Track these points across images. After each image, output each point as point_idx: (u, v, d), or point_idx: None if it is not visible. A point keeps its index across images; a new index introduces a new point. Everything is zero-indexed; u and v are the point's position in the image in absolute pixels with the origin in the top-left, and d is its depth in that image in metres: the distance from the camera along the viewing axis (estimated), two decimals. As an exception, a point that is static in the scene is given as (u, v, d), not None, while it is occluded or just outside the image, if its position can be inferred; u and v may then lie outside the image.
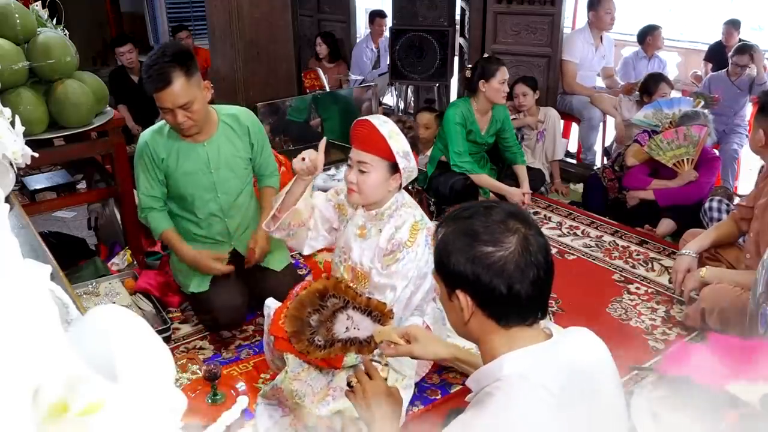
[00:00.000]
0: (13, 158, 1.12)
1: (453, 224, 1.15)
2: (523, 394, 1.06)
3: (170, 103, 2.17)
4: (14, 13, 2.42)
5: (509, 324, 1.12)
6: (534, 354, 1.10)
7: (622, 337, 2.56)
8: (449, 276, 1.13)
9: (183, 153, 2.36)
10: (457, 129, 3.59)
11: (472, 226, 1.11)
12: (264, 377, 2.34)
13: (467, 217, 1.13)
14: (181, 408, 0.57)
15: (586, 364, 1.14)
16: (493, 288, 1.08)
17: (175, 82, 2.13)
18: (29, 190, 2.93)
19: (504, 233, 1.09)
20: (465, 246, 1.10)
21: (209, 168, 2.39)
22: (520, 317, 1.12)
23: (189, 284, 2.49)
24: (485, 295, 1.10)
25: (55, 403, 0.49)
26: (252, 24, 3.77)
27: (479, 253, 1.08)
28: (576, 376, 1.10)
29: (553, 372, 1.08)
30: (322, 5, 6.23)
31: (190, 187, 2.40)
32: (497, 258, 1.08)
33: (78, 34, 3.03)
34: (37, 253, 1.22)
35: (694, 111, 3.80)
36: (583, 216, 3.70)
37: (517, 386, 1.07)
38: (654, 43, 4.88)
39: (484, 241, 1.09)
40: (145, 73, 2.16)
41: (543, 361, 1.09)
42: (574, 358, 1.13)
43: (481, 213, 1.13)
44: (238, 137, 2.43)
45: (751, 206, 2.53)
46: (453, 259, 1.11)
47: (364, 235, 2.03)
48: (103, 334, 0.57)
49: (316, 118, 4.45)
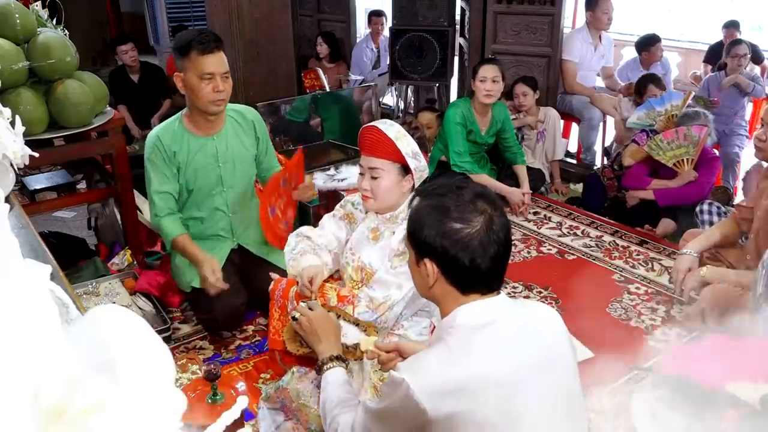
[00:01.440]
0: (13, 158, 1.12)
1: (427, 199, 1.27)
2: (472, 336, 1.20)
3: (216, 67, 2.27)
4: (14, 13, 2.42)
5: (468, 291, 1.25)
6: (486, 305, 1.24)
7: (622, 337, 2.57)
8: (419, 245, 1.26)
9: (193, 146, 2.40)
10: (457, 129, 3.59)
11: (444, 203, 1.24)
12: (264, 377, 2.34)
13: (441, 195, 1.26)
14: (181, 408, 0.57)
15: (540, 323, 1.28)
16: (457, 260, 1.21)
17: (221, 51, 2.30)
18: (29, 190, 2.93)
19: (472, 212, 1.22)
20: (436, 221, 1.22)
21: (218, 162, 2.43)
22: (479, 287, 1.25)
23: (191, 280, 2.49)
24: (450, 266, 1.23)
25: (55, 403, 0.49)
26: (252, 24, 3.77)
27: (449, 228, 1.21)
28: (529, 330, 1.24)
29: (505, 319, 1.23)
30: (322, 5, 6.23)
31: (199, 181, 2.42)
32: (464, 234, 1.20)
33: (78, 34, 3.03)
34: (37, 253, 1.22)
35: (694, 111, 3.80)
36: (583, 216, 3.69)
37: (466, 331, 1.21)
38: (650, 58, 4.81)
39: (454, 218, 1.21)
40: (196, 41, 2.26)
41: (494, 312, 1.23)
42: (528, 316, 1.28)
43: (453, 191, 1.25)
44: (244, 132, 2.49)
45: (751, 206, 2.53)
46: (425, 231, 1.23)
47: (377, 238, 2.03)
48: (103, 334, 0.57)
49: (316, 118, 4.45)
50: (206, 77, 2.26)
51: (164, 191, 2.40)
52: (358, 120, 4.34)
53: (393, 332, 2.01)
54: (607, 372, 2.31)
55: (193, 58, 2.25)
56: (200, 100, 2.30)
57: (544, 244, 3.39)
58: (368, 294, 1.91)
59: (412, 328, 2.01)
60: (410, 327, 2.01)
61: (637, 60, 4.94)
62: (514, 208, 3.69)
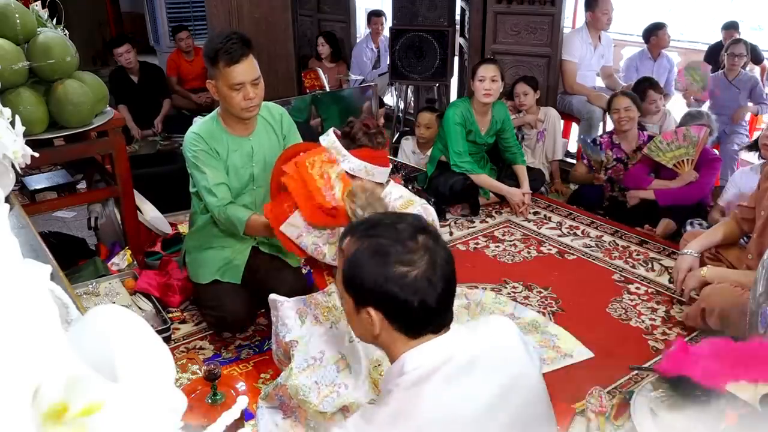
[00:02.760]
0: (14, 158, 1.12)
1: (363, 241, 1.17)
2: (422, 386, 1.10)
3: (244, 76, 2.24)
4: (14, 13, 2.42)
5: (418, 334, 1.16)
6: (438, 345, 1.15)
7: (622, 337, 2.57)
8: (360, 293, 1.16)
9: (232, 146, 2.41)
10: (457, 129, 3.59)
11: (382, 246, 1.14)
12: (264, 377, 2.34)
13: (376, 236, 1.16)
14: (181, 408, 0.57)
15: (496, 343, 1.20)
16: (405, 303, 1.12)
17: (249, 56, 2.27)
18: (29, 190, 2.93)
19: (415, 252, 1.13)
20: (378, 266, 1.13)
21: (252, 161, 2.44)
22: (430, 327, 1.17)
23: (211, 272, 2.50)
24: (397, 312, 1.14)
25: (55, 404, 0.49)
26: (252, 24, 3.78)
27: (394, 273, 1.11)
28: (486, 357, 1.16)
29: (458, 355, 1.13)
30: (322, 5, 6.23)
31: (232, 180, 2.42)
32: (411, 278, 1.11)
33: (78, 34, 3.03)
34: (37, 253, 1.22)
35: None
36: (583, 216, 3.69)
37: (415, 382, 1.11)
38: (659, 43, 4.83)
39: (396, 261, 1.12)
40: (222, 51, 2.22)
41: (447, 350, 1.14)
42: (483, 341, 1.19)
43: (391, 230, 1.16)
44: (273, 130, 2.51)
45: (752, 206, 2.53)
46: (366, 278, 1.14)
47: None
48: (103, 334, 0.57)
49: (317, 118, 4.45)
50: (236, 87, 2.25)
51: (221, 182, 2.36)
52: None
53: None
54: (607, 372, 2.32)
55: (221, 69, 2.24)
56: (233, 108, 2.31)
57: (544, 244, 3.39)
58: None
59: None
60: None
61: (645, 51, 4.94)
62: (515, 208, 3.69)
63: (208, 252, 2.55)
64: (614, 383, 2.27)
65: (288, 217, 2.02)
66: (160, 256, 3.06)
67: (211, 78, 2.31)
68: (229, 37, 2.25)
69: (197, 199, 2.51)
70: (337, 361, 2.05)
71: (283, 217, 2.03)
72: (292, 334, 2.07)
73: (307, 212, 1.98)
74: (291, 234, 2.02)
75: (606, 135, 3.83)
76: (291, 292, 2.26)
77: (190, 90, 5.65)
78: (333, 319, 2.13)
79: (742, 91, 4.46)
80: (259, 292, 2.50)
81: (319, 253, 2.01)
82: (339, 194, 1.96)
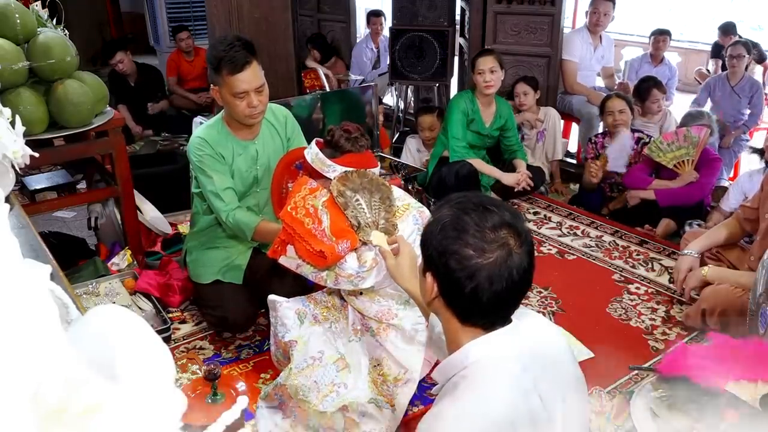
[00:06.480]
0: (14, 158, 1.12)
1: (451, 210, 1.16)
2: (491, 378, 1.11)
3: (248, 84, 2.22)
4: (14, 13, 2.42)
5: (467, 322, 1.16)
6: (496, 339, 1.15)
7: (622, 337, 2.57)
8: (427, 255, 1.18)
9: (237, 149, 2.40)
10: (458, 117, 3.67)
11: (463, 222, 1.12)
12: (264, 377, 2.34)
13: (465, 212, 1.14)
14: (181, 408, 0.57)
15: (545, 345, 1.21)
16: (459, 284, 1.11)
17: (252, 63, 2.24)
18: (29, 190, 2.93)
19: (491, 243, 1.10)
20: (450, 239, 1.12)
21: (256, 164, 2.44)
22: (478, 320, 1.16)
23: (211, 273, 2.50)
24: (449, 288, 1.14)
25: (55, 403, 0.49)
26: (252, 24, 3.77)
27: (460, 252, 1.11)
28: (538, 356, 1.16)
29: (516, 353, 1.13)
30: (322, 5, 6.23)
31: (237, 183, 2.41)
32: (473, 264, 1.10)
33: (78, 34, 3.03)
34: (37, 253, 1.22)
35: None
36: (583, 216, 3.69)
37: (483, 371, 1.12)
38: (658, 52, 4.87)
39: (469, 243, 1.10)
40: (226, 60, 2.20)
41: (506, 345, 1.14)
42: (534, 341, 1.19)
43: (479, 211, 1.13)
44: (278, 133, 2.50)
45: (755, 207, 2.52)
46: (436, 243, 1.14)
47: None
48: (103, 335, 0.57)
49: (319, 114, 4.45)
50: (240, 96, 2.24)
51: (227, 187, 2.35)
52: (363, 120, 4.33)
53: (387, 321, 2.03)
54: (607, 372, 2.32)
55: (224, 77, 2.22)
56: (236, 115, 2.30)
57: (544, 244, 3.38)
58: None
59: (407, 318, 2.02)
60: (405, 317, 2.02)
61: (645, 55, 4.95)
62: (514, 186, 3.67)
63: (209, 252, 2.55)
64: (614, 383, 2.27)
65: (286, 251, 2.04)
66: (160, 256, 3.06)
67: (215, 84, 2.29)
68: (232, 44, 2.21)
69: (199, 200, 2.51)
70: (337, 361, 2.05)
71: (281, 251, 2.05)
72: (291, 334, 2.07)
73: (299, 252, 1.99)
74: (290, 265, 2.04)
75: (600, 135, 3.85)
76: (291, 293, 2.26)
77: (190, 90, 5.66)
78: (332, 318, 2.13)
79: (743, 99, 4.46)
80: (260, 293, 2.50)
81: (320, 279, 2.01)
82: (327, 224, 1.95)
